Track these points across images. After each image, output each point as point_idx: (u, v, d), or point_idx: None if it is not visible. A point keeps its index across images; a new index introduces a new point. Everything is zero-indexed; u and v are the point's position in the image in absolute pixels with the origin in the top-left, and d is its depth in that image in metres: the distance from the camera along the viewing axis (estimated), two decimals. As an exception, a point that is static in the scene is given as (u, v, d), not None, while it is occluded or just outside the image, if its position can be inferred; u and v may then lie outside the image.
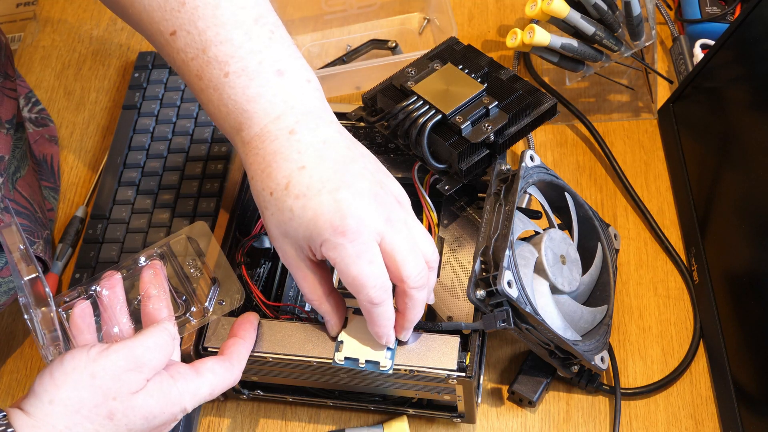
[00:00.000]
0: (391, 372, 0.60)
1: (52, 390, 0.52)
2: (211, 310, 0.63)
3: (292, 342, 0.63)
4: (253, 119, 0.59)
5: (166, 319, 0.60)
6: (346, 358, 0.61)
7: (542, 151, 0.85)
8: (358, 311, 0.62)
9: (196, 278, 0.65)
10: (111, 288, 0.61)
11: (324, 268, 0.61)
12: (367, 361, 0.60)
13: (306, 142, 0.58)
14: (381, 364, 0.60)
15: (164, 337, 0.57)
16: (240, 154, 0.61)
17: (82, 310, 0.60)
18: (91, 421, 0.52)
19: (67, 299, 0.61)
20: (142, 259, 0.63)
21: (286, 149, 0.58)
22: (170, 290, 0.62)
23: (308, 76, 0.61)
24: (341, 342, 0.61)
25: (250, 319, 0.63)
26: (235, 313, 0.65)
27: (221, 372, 0.59)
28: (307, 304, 0.73)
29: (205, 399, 0.58)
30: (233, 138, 0.61)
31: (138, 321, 0.61)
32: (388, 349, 0.61)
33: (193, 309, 0.62)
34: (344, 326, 0.62)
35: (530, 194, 0.68)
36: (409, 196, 0.73)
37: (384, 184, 0.60)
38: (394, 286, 0.59)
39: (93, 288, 0.61)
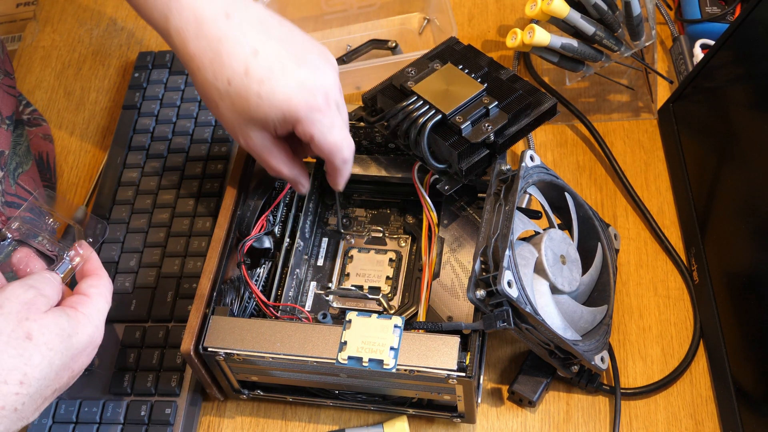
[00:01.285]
0: (394, 370, 0.60)
1: None
2: (81, 250, 0.66)
3: (292, 342, 0.63)
4: (182, 2, 0.59)
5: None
6: (350, 358, 0.61)
7: (542, 151, 0.85)
8: (361, 312, 0.63)
9: (58, 229, 0.70)
10: None
11: (282, 140, 0.64)
12: (370, 360, 0.60)
13: (246, 23, 0.60)
14: (384, 363, 0.60)
15: (46, 274, 0.61)
16: (174, 45, 0.61)
17: None
18: (13, 347, 0.55)
19: None
20: (8, 237, 0.67)
21: (229, 32, 0.59)
22: (42, 253, 0.66)
23: None
24: (345, 342, 0.61)
25: (77, 251, 0.66)
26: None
27: (98, 282, 0.63)
28: (307, 304, 0.73)
29: (107, 310, 0.62)
30: (165, 29, 0.61)
31: None
32: (391, 348, 0.61)
33: (68, 255, 0.66)
34: (347, 327, 0.62)
35: (530, 194, 0.68)
36: (410, 196, 0.74)
37: (318, 47, 0.63)
38: None
39: None
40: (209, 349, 0.63)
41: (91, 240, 0.69)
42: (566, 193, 0.70)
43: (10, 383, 0.54)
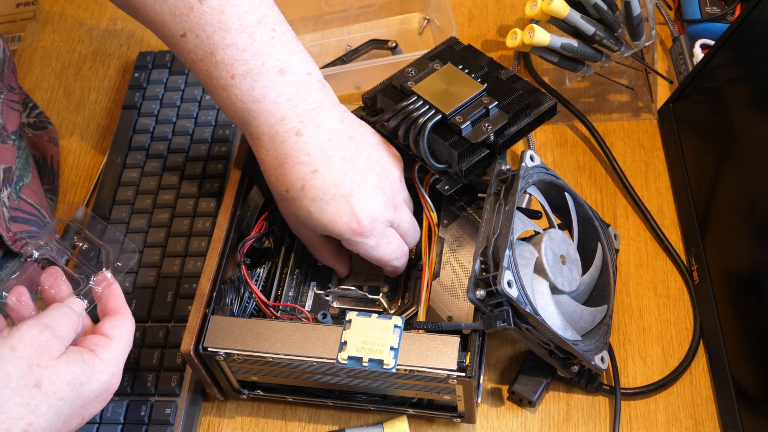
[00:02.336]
0: (394, 370, 0.60)
1: None
2: (110, 274, 0.64)
3: (292, 342, 0.63)
4: (260, 118, 0.64)
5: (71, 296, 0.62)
6: (350, 358, 0.61)
7: (542, 151, 0.85)
8: (361, 312, 0.63)
9: (87, 251, 0.69)
10: (18, 297, 0.62)
11: (330, 237, 0.67)
12: (370, 360, 0.60)
13: (313, 143, 0.64)
14: (384, 363, 0.60)
15: (64, 309, 0.59)
16: (249, 143, 0.67)
17: None
18: (20, 395, 0.53)
19: None
20: (35, 254, 0.66)
21: (296, 152, 0.63)
22: (67, 275, 0.64)
23: (309, 69, 0.66)
24: (345, 342, 0.61)
25: (102, 279, 0.64)
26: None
27: (122, 323, 0.61)
28: (307, 304, 0.73)
29: (127, 353, 0.60)
30: (242, 130, 0.67)
31: None
32: (391, 348, 0.61)
33: (93, 279, 0.63)
34: (347, 327, 0.62)
35: (530, 194, 0.68)
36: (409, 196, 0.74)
37: (387, 169, 0.66)
38: None
39: None
40: (209, 349, 0.63)
41: (119, 264, 0.66)
42: (566, 193, 0.70)
43: None
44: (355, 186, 0.64)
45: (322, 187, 0.63)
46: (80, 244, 0.68)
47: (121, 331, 0.60)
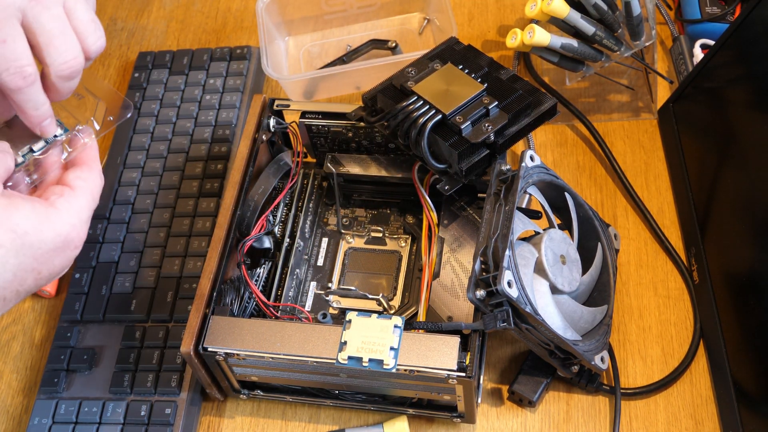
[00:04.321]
0: (394, 370, 0.60)
1: None
2: (99, 126, 0.60)
3: (292, 342, 0.63)
4: None
5: None
6: (350, 358, 0.61)
7: (542, 151, 0.85)
8: (361, 312, 0.63)
9: (79, 103, 0.63)
10: None
11: None
12: (370, 360, 0.60)
13: None
14: (384, 363, 0.60)
15: None
16: None
17: None
18: None
19: None
20: None
21: None
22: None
23: None
24: (345, 342, 0.61)
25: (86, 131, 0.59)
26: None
27: (87, 175, 0.56)
28: (307, 304, 0.73)
29: (92, 209, 0.56)
30: None
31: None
32: (391, 348, 0.61)
33: (80, 127, 0.59)
34: (347, 327, 0.62)
35: (530, 194, 0.68)
36: (409, 196, 0.74)
37: None
38: None
39: None
40: (209, 349, 0.63)
41: (111, 118, 0.60)
42: (566, 193, 0.70)
43: None
44: None
45: None
46: (76, 94, 0.60)
47: (85, 182, 0.55)
